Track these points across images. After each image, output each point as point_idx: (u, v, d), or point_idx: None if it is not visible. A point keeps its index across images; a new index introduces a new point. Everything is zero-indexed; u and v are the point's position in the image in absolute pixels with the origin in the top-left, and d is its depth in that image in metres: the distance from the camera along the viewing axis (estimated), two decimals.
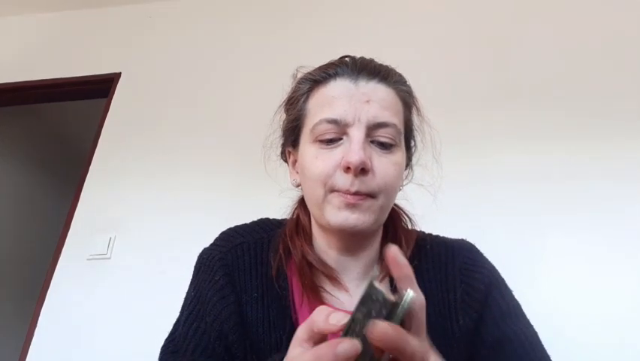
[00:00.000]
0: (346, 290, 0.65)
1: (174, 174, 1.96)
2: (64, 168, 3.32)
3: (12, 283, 2.97)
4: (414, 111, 0.70)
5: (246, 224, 0.72)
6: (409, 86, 0.69)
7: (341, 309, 0.63)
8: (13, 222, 3.06)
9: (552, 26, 1.92)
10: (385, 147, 0.61)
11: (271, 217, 0.74)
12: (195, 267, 0.68)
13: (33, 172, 3.26)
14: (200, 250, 0.69)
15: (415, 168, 0.73)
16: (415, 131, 0.71)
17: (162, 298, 1.65)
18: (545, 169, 1.63)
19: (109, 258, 1.82)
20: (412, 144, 0.71)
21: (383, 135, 0.61)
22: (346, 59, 0.68)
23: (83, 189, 2.02)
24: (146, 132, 2.10)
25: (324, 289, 0.64)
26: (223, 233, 0.70)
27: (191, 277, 0.68)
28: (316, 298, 0.63)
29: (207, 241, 0.70)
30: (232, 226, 0.72)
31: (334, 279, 0.65)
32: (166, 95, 2.19)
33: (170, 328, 0.66)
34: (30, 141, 3.25)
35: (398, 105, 0.65)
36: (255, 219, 0.73)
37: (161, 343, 0.65)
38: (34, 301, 1.80)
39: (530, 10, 1.98)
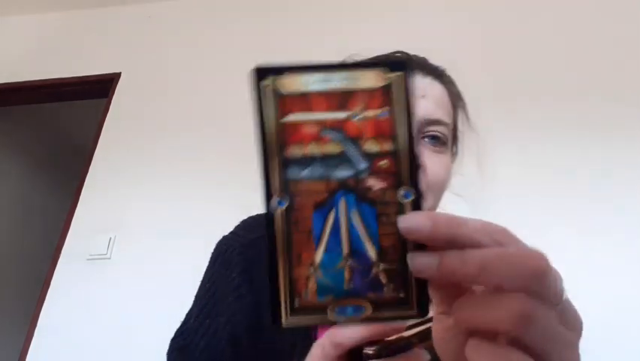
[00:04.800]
0: None
1: (174, 173, 1.96)
2: (65, 168, 3.32)
3: (12, 283, 2.97)
4: (461, 116, 0.67)
5: None
6: (458, 89, 0.67)
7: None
8: (13, 222, 3.06)
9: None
10: (437, 141, 0.59)
11: None
12: (212, 255, 0.65)
13: (33, 172, 3.26)
14: (207, 240, 0.65)
15: (452, 176, 0.69)
16: (459, 138, 0.68)
17: (162, 298, 1.66)
18: (552, 169, 1.63)
19: (109, 258, 1.82)
20: (455, 150, 0.68)
21: (435, 130, 0.59)
22: (399, 55, 0.65)
23: (83, 189, 2.01)
24: (146, 132, 2.10)
25: None
26: (245, 222, 0.67)
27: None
28: None
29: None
30: (234, 220, 0.68)
31: None
32: (166, 95, 2.19)
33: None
34: (30, 141, 3.24)
35: (449, 106, 0.63)
36: None
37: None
38: (34, 301, 1.80)
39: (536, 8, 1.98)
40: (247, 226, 0.66)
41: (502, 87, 1.81)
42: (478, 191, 0.74)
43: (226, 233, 0.66)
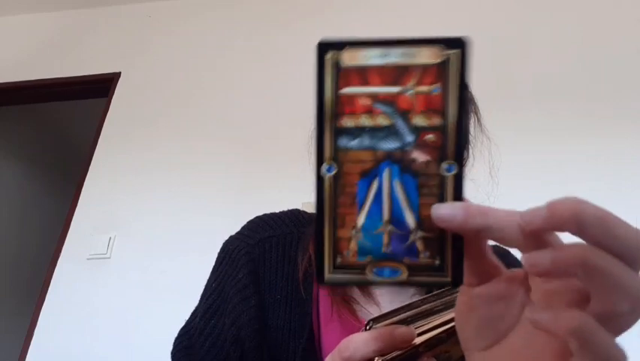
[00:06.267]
0: (377, 304, 0.60)
1: (174, 173, 1.96)
2: (65, 168, 3.32)
3: (12, 283, 2.97)
4: (473, 120, 0.67)
5: (275, 214, 0.67)
6: (471, 93, 0.65)
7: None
8: (13, 222, 3.06)
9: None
10: None
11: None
12: (219, 255, 0.64)
13: (33, 172, 3.26)
14: (209, 241, 0.65)
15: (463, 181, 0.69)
16: (470, 143, 0.67)
17: (162, 298, 1.66)
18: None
19: (109, 258, 1.82)
20: (465, 155, 0.67)
21: None
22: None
23: (82, 189, 2.01)
24: (146, 132, 2.10)
25: (356, 300, 0.60)
26: (251, 222, 0.66)
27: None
28: (346, 308, 0.58)
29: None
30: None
31: (366, 290, 0.60)
32: (166, 95, 2.19)
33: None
34: (30, 140, 3.24)
35: None
36: (286, 210, 0.68)
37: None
38: (34, 301, 1.80)
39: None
40: (254, 226, 0.66)
41: (505, 88, 1.81)
42: (489, 197, 0.74)
43: (233, 233, 0.66)
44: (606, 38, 1.83)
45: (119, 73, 2.30)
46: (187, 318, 0.63)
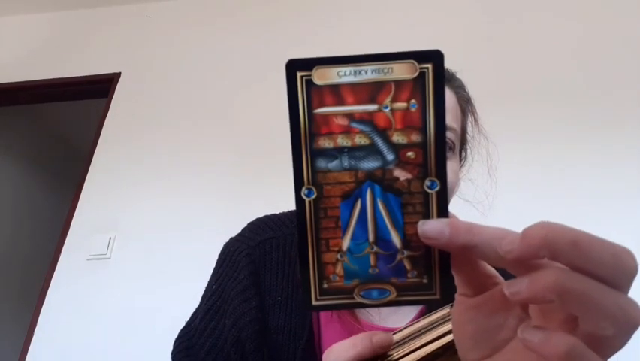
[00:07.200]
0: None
1: (174, 173, 1.96)
2: (64, 168, 3.32)
3: (11, 283, 2.97)
4: (470, 120, 0.67)
5: (275, 215, 0.68)
6: (468, 93, 0.67)
7: (379, 326, 0.59)
8: (13, 222, 3.06)
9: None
10: None
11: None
12: (220, 257, 0.65)
13: (33, 172, 3.26)
14: (208, 241, 0.65)
15: (461, 181, 0.68)
16: (468, 143, 0.68)
17: (162, 299, 1.66)
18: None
19: (109, 258, 1.82)
20: (463, 155, 0.68)
21: None
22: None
23: (82, 189, 2.01)
24: (146, 132, 2.10)
25: None
26: (252, 224, 0.67)
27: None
28: (347, 311, 0.59)
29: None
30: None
31: None
32: (166, 95, 2.19)
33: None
34: (30, 141, 3.24)
35: (458, 111, 0.63)
36: (286, 210, 0.68)
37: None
38: (34, 301, 1.80)
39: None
40: (254, 227, 0.66)
41: (504, 88, 1.81)
42: (487, 196, 0.74)
43: (233, 234, 0.66)
44: (606, 39, 1.83)
45: (119, 73, 2.30)
46: (187, 319, 0.63)
